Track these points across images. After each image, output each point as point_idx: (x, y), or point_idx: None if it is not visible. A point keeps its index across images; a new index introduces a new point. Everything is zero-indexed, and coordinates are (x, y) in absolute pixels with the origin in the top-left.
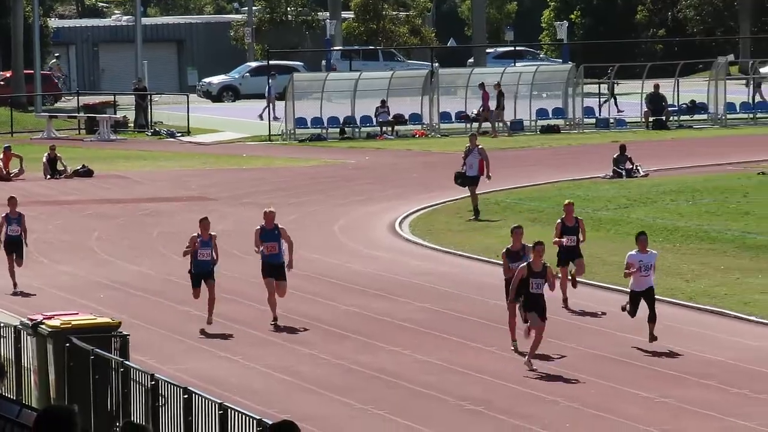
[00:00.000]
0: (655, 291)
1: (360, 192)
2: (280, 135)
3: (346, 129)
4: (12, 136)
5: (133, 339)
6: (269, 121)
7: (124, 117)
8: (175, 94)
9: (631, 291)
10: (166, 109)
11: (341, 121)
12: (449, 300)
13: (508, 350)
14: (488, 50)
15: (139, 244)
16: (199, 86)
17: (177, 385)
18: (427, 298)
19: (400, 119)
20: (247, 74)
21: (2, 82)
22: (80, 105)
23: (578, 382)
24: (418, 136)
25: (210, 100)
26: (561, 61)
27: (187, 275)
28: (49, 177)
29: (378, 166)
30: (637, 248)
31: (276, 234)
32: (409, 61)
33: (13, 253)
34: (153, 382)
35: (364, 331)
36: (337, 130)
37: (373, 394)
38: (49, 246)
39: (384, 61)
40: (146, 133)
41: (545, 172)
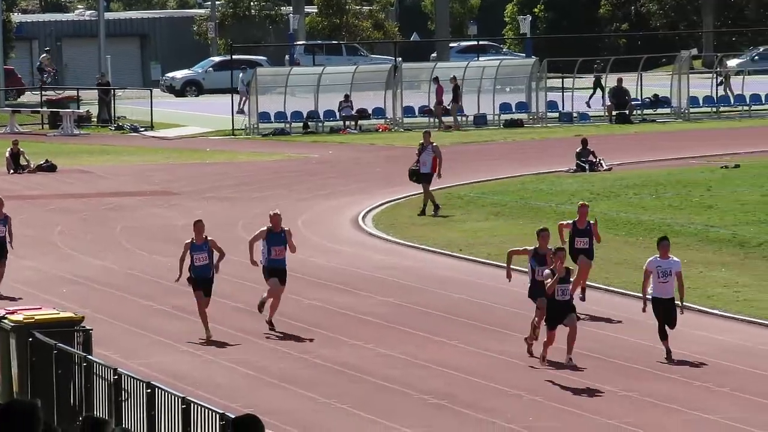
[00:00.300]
0: (674, 302)
1: (323, 186)
2: (243, 129)
3: (310, 123)
4: None
5: (96, 333)
6: (248, 113)
7: (88, 112)
8: (138, 89)
9: (653, 298)
10: (129, 104)
11: (304, 116)
12: (412, 294)
13: (472, 344)
14: (451, 45)
15: (102, 238)
16: (163, 81)
17: (140, 380)
18: (390, 292)
19: (363, 114)
20: (211, 69)
21: None
22: (43, 100)
23: (541, 376)
24: (381, 131)
25: (173, 95)
26: (524, 55)
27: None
28: (12, 172)
29: (341, 160)
30: (658, 253)
31: (283, 237)
32: (372, 56)
33: None
34: (116, 377)
35: (327, 326)
36: (301, 125)
37: (337, 388)
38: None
39: (347, 56)
40: (109, 127)
41: (508, 166)
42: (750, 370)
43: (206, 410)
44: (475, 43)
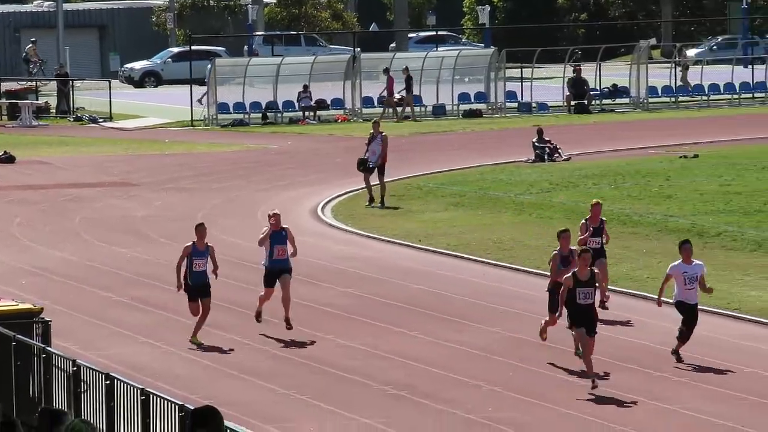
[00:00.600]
0: (698, 312)
1: (282, 177)
2: (202, 120)
3: (269, 114)
4: None
5: (55, 325)
6: (207, 104)
7: (46, 103)
8: (97, 80)
9: (677, 301)
10: (88, 95)
11: (263, 107)
12: (372, 285)
13: (431, 334)
14: (410, 35)
15: (61, 229)
16: (121, 72)
17: (99, 371)
18: (350, 282)
19: (322, 104)
20: (169, 60)
21: None
22: (2, 91)
23: (500, 367)
24: (340, 121)
25: (132, 86)
26: (483, 45)
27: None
28: None
29: (300, 151)
30: (681, 258)
31: (284, 236)
32: (331, 46)
33: None
34: (75, 368)
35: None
36: (260, 115)
37: (297, 379)
38: None
39: (306, 46)
40: (68, 118)
41: (467, 157)
42: (708, 360)
43: (165, 401)
44: (434, 33)
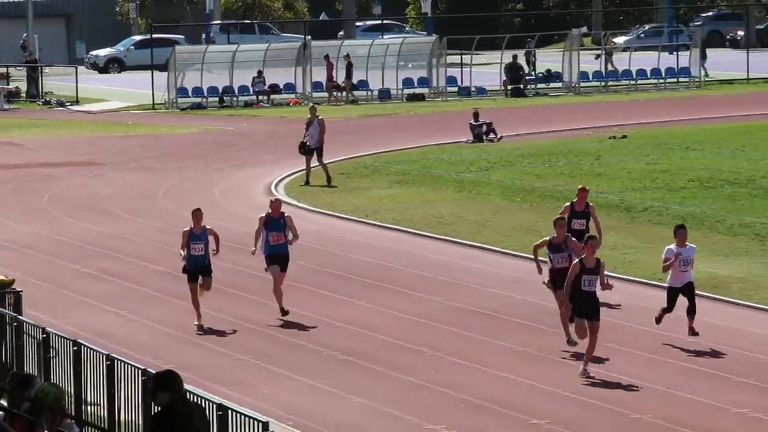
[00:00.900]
0: (695, 285)
1: (238, 157)
2: (163, 104)
3: (225, 98)
4: None
5: (26, 295)
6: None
7: (17, 88)
8: (64, 66)
9: (669, 287)
10: (56, 80)
11: (220, 91)
12: (323, 257)
13: (378, 303)
14: (357, 24)
15: (31, 207)
16: (87, 58)
17: (67, 338)
18: (302, 255)
19: (275, 89)
20: (132, 47)
21: None
22: None
23: (441, 333)
24: (292, 105)
25: (97, 72)
26: (425, 33)
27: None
28: None
29: (254, 132)
30: (675, 242)
31: (282, 223)
32: (283, 34)
33: None
34: (44, 336)
35: (244, 287)
36: (217, 99)
37: (252, 345)
38: None
39: (260, 34)
40: (38, 102)
41: (411, 138)
42: (633, 326)
43: (129, 366)
44: (380, 22)
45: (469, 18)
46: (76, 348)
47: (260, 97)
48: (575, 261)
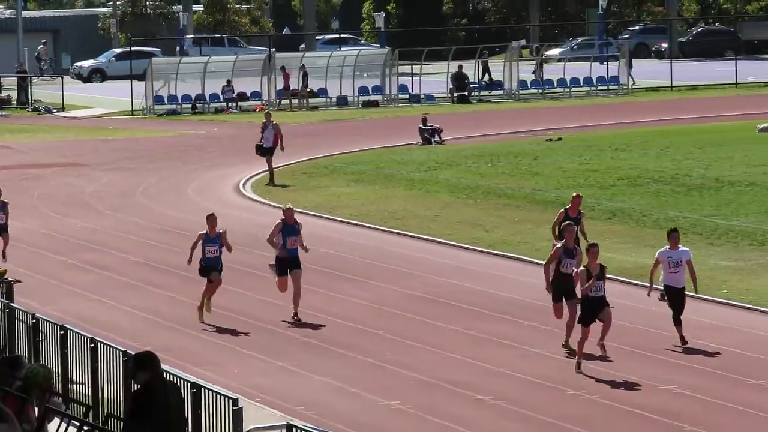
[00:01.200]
0: (685, 291)
1: (209, 159)
2: (141, 110)
3: (198, 105)
4: None
5: (18, 285)
6: (145, 96)
7: (8, 96)
8: (51, 76)
9: (665, 286)
10: (44, 89)
11: (193, 98)
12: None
13: (337, 291)
14: (317, 37)
15: (21, 204)
16: (72, 69)
17: (55, 323)
18: (267, 247)
19: (243, 96)
20: (113, 59)
21: None
22: None
23: (395, 318)
24: (258, 111)
25: (81, 81)
26: (379, 46)
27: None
28: None
29: (224, 136)
30: (668, 245)
31: (296, 229)
32: (250, 47)
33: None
34: (34, 321)
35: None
36: (190, 106)
37: (224, 330)
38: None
39: (229, 47)
40: (27, 109)
41: (366, 140)
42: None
43: (111, 348)
44: (338, 35)
45: (418, 32)
46: (62, 332)
47: (229, 104)
48: (581, 269)
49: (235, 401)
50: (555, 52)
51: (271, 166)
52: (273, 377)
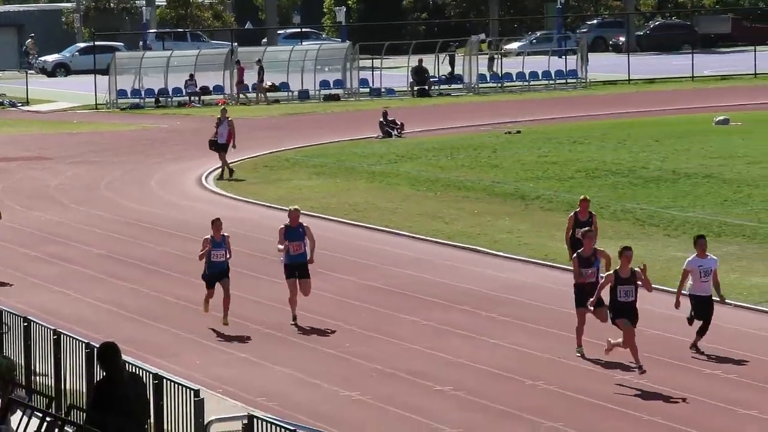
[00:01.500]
0: (713, 303)
1: (172, 152)
2: (105, 104)
3: (161, 99)
4: None
5: None
6: (109, 90)
7: None
8: (15, 71)
9: (692, 295)
10: (7, 84)
11: (156, 92)
12: (248, 241)
13: None
14: (279, 31)
15: None
16: (36, 64)
17: (18, 315)
18: (232, 240)
19: (205, 90)
20: (77, 53)
21: None
22: None
23: (356, 309)
24: (220, 105)
25: (45, 76)
26: (340, 40)
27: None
28: None
29: (187, 130)
30: (696, 252)
31: (301, 232)
32: (212, 41)
33: None
34: None
35: (178, 269)
36: (153, 100)
37: (186, 321)
38: None
39: (192, 42)
40: None
41: (328, 134)
42: (528, 302)
43: (74, 340)
44: (299, 30)
45: (379, 26)
46: (26, 324)
47: (192, 98)
48: (610, 272)
49: (197, 392)
50: (514, 46)
51: (224, 162)
52: (235, 368)
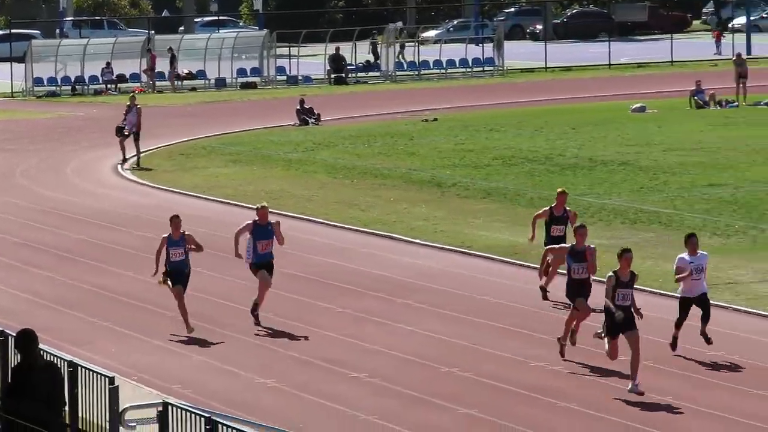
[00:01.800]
0: (708, 296)
1: (88, 140)
2: (21, 92)
3: (77, 87)
4: None
5: None
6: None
7: None
8: None
9: (682, 297)
10: None
11: (73, 80)
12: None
13: (217, 271)
14: (196, 20)
15: None
16: None
17: None
18: (144, 227)
19: (122, 78)
20: None
21: None
22: None
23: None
24: (137, 93)
25: None
26: (257, 28)
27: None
28: None
29: (103, 117)
30: (687, 251)
31: (270, 230)
32: (129, 29)
33: None
34: None
35: (93, 256)
36: (70, 88)
37: (101, 309)
38: None
39: (108, 30)
40: None
41: (244, 122)
42: (444, 289)
43: None
44: (217, 18)
45: (296, 14)
46: None
47: (109, 86)
48: (610, 274)
49: (112, 380)
50: (431, 33)
51: (123, 148)
52: (151, 356)
